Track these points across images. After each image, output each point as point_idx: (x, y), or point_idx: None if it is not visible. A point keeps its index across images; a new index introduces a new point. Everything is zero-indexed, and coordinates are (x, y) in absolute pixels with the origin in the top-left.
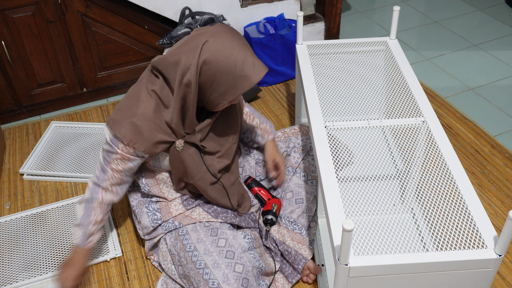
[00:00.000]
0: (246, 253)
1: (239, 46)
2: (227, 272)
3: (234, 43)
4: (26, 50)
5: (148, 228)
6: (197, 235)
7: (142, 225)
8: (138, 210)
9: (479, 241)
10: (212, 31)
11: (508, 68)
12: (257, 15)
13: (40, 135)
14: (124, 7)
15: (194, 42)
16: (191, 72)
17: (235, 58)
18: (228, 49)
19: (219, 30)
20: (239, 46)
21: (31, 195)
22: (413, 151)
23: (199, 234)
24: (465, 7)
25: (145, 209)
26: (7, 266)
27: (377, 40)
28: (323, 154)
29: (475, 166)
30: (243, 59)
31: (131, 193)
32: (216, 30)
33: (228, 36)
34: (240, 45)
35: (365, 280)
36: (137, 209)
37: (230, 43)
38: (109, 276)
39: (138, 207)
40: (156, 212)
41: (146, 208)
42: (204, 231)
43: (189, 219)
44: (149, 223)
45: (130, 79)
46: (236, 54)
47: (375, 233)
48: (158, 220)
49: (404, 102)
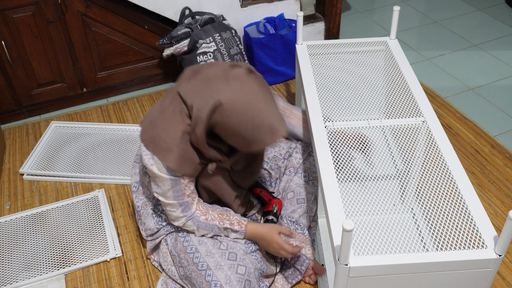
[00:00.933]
0: (248, 255)
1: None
2: (230, 273)
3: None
4: (26, 50)
5: (152, 230)
6: (198, 237)
7: (146, 226)
8: (143, 211)
9: (479, 241)
10: (237, 83)
11: (508, 68)
12: (257, 15)
13: (40, 135)
14: (124, 7)
15: (213, 91)
16: (201, 126)
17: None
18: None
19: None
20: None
21: (31, 195)
22: (413, 151)
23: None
24: (465, 7)
25: (150, 211)
26: (7, 266)
27: (377, 40)
28: (323, 154)
29: (475, 166)
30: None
31: (136, 193)
32: (241, 85)
33: (252, 97)
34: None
35: (365, 280)
36: (142, 210)
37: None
38: (109, 276)
39: (143, 207)
40: (162, 213)
41: (151, 210)
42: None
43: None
44: (154, 224)
45: (130, 79)
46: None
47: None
48: (163, 222)
49: (404, 102)
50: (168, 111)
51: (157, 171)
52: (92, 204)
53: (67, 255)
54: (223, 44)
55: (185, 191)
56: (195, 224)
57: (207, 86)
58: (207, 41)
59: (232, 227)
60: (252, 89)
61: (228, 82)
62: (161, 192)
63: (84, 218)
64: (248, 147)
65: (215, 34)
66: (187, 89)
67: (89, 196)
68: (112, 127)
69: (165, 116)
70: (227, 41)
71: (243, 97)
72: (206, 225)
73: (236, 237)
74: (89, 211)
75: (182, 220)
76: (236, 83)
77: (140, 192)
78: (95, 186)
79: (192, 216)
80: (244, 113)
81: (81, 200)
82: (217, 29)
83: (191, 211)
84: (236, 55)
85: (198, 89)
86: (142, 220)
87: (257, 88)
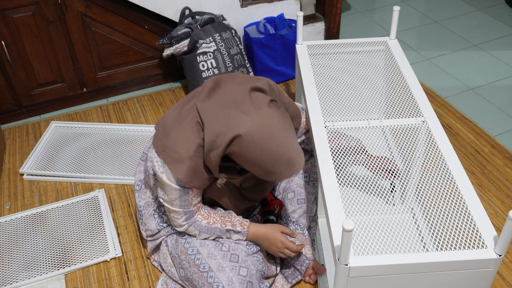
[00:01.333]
0: (250, 256)
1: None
2: (232, 275)
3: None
4: (26, 50)
5: (153, 231)
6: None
7: (147, 227)
8: (145, 212)
9: (479, 241)
10: (258, 116)
11: (508, 68)
12: (257, 15)
13: (40, 135)
14: (124, 7)
15: (232, 119)
16: (217, 153)
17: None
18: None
19: (263, 119)
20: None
21: (31, 195)
22: (413, 151)
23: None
24: (465, 7)
25: (152, 211)
26: (7, 266)
27: (377, 40)
28: (323, 154)
29: (475, 166)
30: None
31: (138, 192)
32: (262, 117)
33: (272, 129)
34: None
35: (365, 280)
36: (144, 210)
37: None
38: (109, 276)
39: (145, 208)
40: (163, 215)
41: (153, 211)
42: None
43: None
44: (155, 226)
45: (130, 79)
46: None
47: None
48: (164, 223)
49: (404, 102)
50: (184, 121)
51: (166, 180)
52: (92, 204)
53: (67, 255)
54: (223, 44)
55: (192, 201)
56: (197, 229)
57: (226, 110)
58: (207, 41)
59: (234, 228)
60: (273, 121)
61: (249, 111)
62: (168, 200)
63: (84, 218)
64: (264, 177)
65: (215, 34)
66: (205, 108)
67: (89, 196)
68: (112, 127)
69: (181, 126)
70: (227, 41)
71: (262, 130)
72: (208, 228)
73: (239, 239)
74: (89, 211)
75: (184, 227)
76: (256, 112)
77: (143, 191)
78: (95, 186)
79: (195, 221)
80: (263, 146)
81: (81, 200)
82: (217, 29)
83: (194, 218)
84: (236, 55)
85: (217, 111)
86: (143, 220)
87: (277, 119)
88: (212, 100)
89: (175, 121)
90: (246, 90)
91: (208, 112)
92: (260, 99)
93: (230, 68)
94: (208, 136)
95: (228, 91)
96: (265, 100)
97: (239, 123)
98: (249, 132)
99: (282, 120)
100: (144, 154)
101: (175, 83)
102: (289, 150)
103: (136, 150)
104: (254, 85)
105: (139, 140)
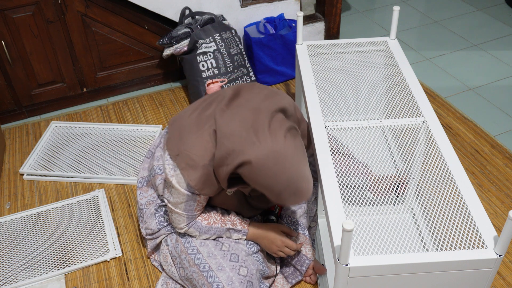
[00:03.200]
0: (250, 256)
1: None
2: (232, 275)
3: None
4: (26, 50)
5: (153, 230)
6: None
7: (147, 225)
8: (146, 210)
9: (479, 241)
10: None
11: (508, 68)
12: (257, 15)
13: (40, 135)
14: (124, 7)
15: (245, 141)
16: (225, 171)
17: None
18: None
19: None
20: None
21: (31, 195)
22: (413, 151)
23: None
24: (465, 7)
25: (153, 210)
26: (7, 266)
27: (377, 40)
28: (323, 154)
29: (475, 166)
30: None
31: (140, 189)
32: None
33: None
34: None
35: (365, 280)
36: (145, 209)
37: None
38: (109, 276)
39: (146, 206)
40: (164, 214)
41: (154, 210)
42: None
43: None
44: (155, 225)
45: (130, 79)
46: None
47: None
48: (165, 223)
49: (404, 102)
50: (202, 129)
51: (176, 184)
52: (92, 204)
53: (67, 255)
54: (223, 44)
55: (197, 206)
56: (197, 230)
57: (242, 130)
58: (207, 41)
59: (234, 227)
60: (286, 153)
61: (264, 138)
62: (173, 202)
63: (84, 218)
64: (270, 198)
65: (215, 34)
66: (223, 121)
67: (89, 196)
68: (112, 127)
69: (198, 133)
70: (227, 41)
71: (273, 160)
72: (209, 229)
73: (239, 237)
74: (89, 211)
75: (185, 229)
76: (271, 141)
77: (145, 189)
78: (95, 186)
79: (195, 223)
80: (271, 176)
81: (81, 200)
82: (217, 29)
83: (195, 220)
84: (236, 55)
85: (233, 127)
86: (144, 219)
87: (291, 151)
88: (232, 111)
89: (192, 127)
90: (269, 111)
91: (224, 125)
92: (278, 126)
93: (230, 68)
94: (220, 151)
95: (250, 106)
96: (284, 127)
97: (252, 149)
98: (260, 161)
99: (295, 152)
100: (149, 151)
101: (175, 83)
102: (298, 182)
103: (136, 150)
104: (280, 106)
105: (139, 140)
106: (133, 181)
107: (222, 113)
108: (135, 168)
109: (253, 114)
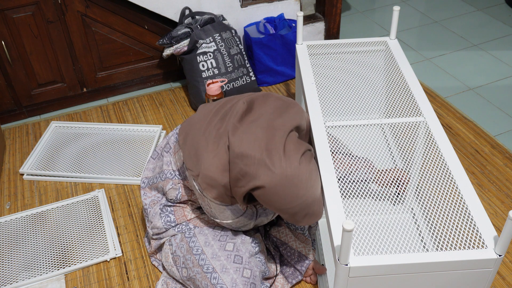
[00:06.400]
0: (253, 257)
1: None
2: (236, 277)
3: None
4: (26, 50)
5: (160, 229)
6: (204, 238)
7: (153, 225)
8: (151, 210)
9: (479, 241)
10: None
11: (508, 68)
12: (257, 15)
13: (40, 135)
14: (124, 7)
15: (259, 165)
16: (240, 192)
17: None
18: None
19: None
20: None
21: (31, 195)
22: (413, 151)
23: (207, 237)
24: (465, 7)
25: (158, 210)
26: (7, 266)
27: (377, 40)
28: (323, 154)
29: (475, 166)
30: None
31: (144, 189)
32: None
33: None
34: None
35: (365, 280)
36: (150, 209)
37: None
38: (109, 276)
39: (150, 206)
40: (170, 214)
41: (159, 210)
42: (212, 235)
43: (204, 222)
44: (162, 224)
45: (130, 79)
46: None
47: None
48: (172, 223)
49: (404, 102)
50: (218, 147)
51: (211, 203)
52: (92, 204)
53: (67, 255)
54: (223, 44)
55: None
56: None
57: (256, 151)
58: (207, 41)
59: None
60: (299, 178)
61: (279, 164)
62: (220, 217)
63: (84, 218)
64: (284, 218)
65: (215, 34)
66: (234, 139)
67: (89, 196)
68: (112, 127)
69: (215, 152)
70: (227, 41)
71: (287, 186)
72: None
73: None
74: (89, 211)
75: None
76: (286, 166)
77: (148, 189)
78: (95, 186)
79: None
80: (284, 200)
81: (81, 200)
82: (217, 29)
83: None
84: (236, 55)
85: (245, 146)
86: (149, 219)
87: (305, 176)
88: (244, 128)
89: (208, 145)
90: (283, 130)
91: (237, 145)
92: (293, 149)
93: (230, 68)
94: (233, 172)
95: (264, 124)
96: (299, 151)
97: (266, 174)
98: (273, 187)
99: (309, 177)
100: (155, 152)
101: (175, 83)
102: (311, 206)
103: (136, 150)
104: (294, 124)
105: (139, 140)
106: (133, 181)
107: (235, 130)
108: (135, 168)
109: (267, 133)
